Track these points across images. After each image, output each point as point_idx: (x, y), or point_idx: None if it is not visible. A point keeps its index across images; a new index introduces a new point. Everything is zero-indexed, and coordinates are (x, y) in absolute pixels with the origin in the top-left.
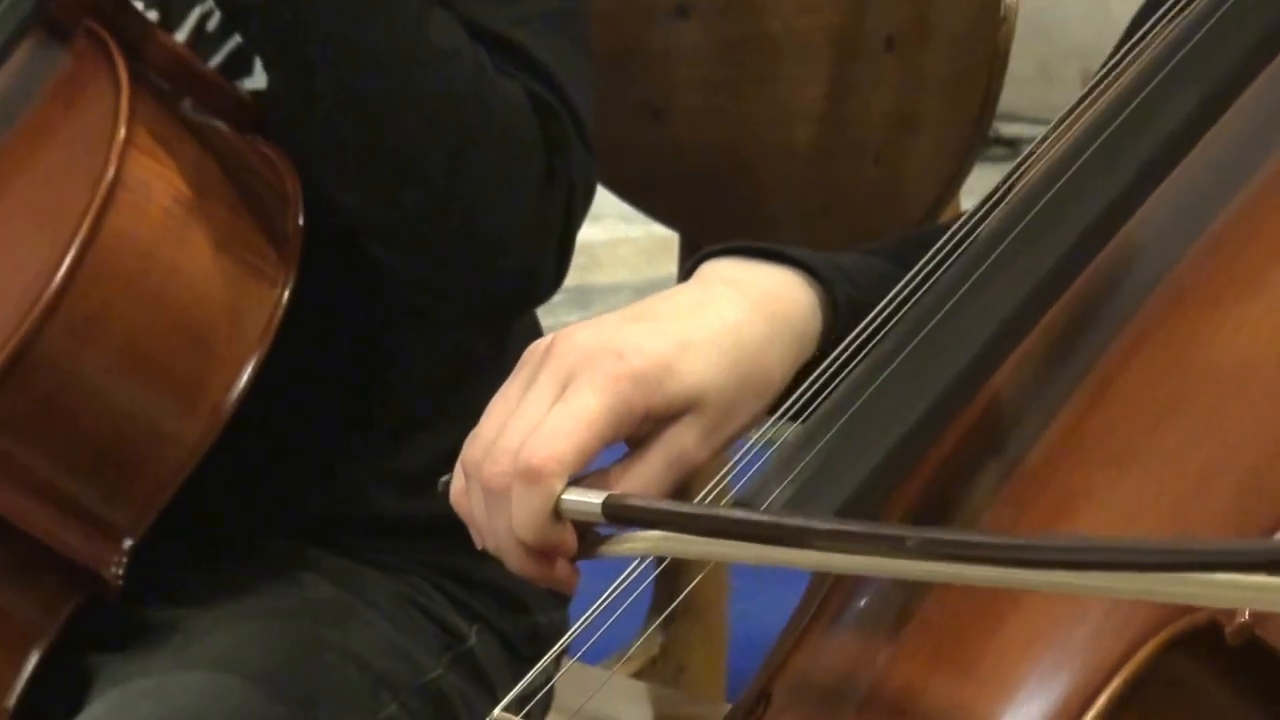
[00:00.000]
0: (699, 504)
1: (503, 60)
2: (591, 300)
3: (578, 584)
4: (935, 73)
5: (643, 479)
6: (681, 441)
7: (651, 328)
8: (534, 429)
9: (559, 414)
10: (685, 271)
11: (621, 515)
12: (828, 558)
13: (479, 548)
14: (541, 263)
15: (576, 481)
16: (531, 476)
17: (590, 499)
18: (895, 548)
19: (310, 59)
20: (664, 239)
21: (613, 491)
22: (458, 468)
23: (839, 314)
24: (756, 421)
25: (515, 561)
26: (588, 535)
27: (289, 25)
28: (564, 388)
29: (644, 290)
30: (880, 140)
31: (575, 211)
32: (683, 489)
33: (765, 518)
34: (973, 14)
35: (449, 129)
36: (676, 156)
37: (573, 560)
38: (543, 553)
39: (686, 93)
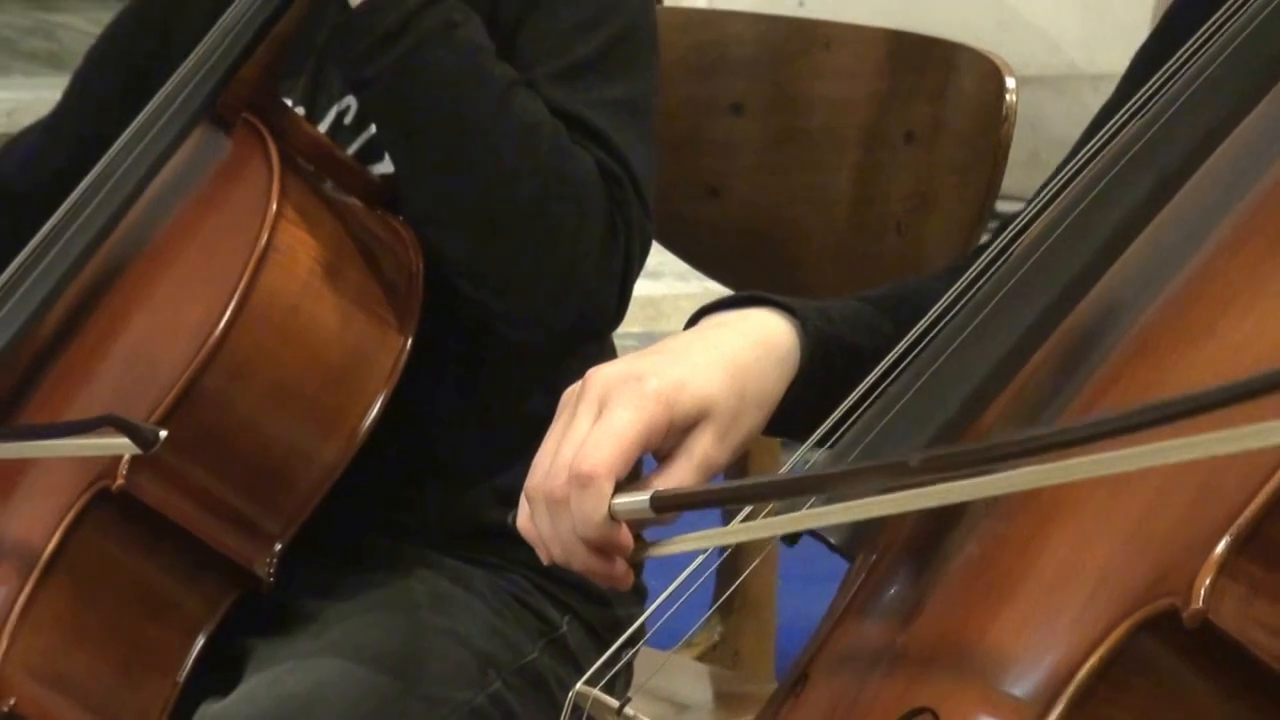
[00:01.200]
0: (728, 483)
1: (577, 134)
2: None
3: (633, 581)
4: (948, 162)
5: (676, 480)
6: (702, 445)
7: (664, 358)
8: (582, 447)
9: (600, 430)
10: (687, 324)
11: (668, 503)
12: (847, 507)
13: (545, 563)
14: (605, 300)
15: (623, 489)
16: (584, 481)
17: (639, 497)
18: (901, 472)
19: (417, 126)
20: (718, 293)
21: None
22: (522, 499)
23: (811, 340)
24: (761, 428)
25: (580, 561)
26: (640, 538)
27: (401, 97)
28: (600, 407)
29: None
30: (901, 217)
31: (633, 260)
32: None
33: (783, 477)
34: (980, 114)
35: (530, 189)
36: (730, 228)
37: (629, 560)
38: (603, 551)
39: (739, 176)
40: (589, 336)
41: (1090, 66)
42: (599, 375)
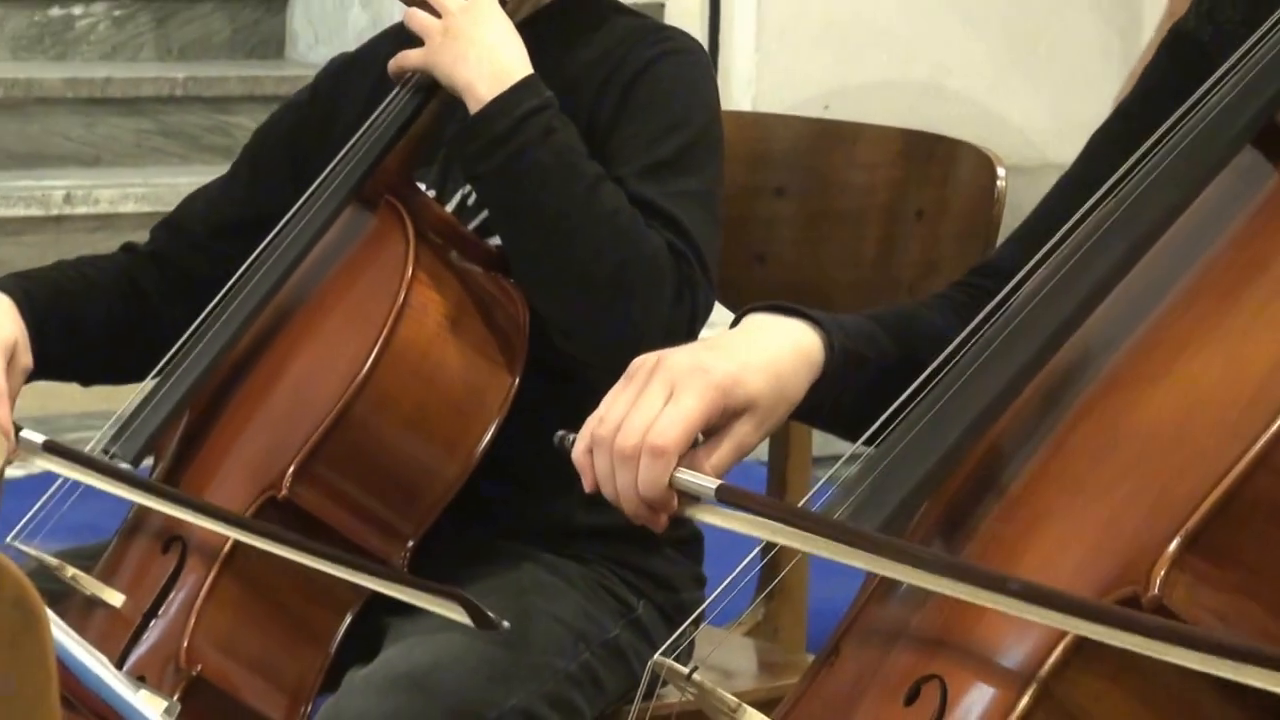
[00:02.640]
0: (781, 502)
1: (653, 220)
2: None
3: (666, 525)
4: (950, 234)
5: (719, 457)
6: (743, 430)
7: (724, 354)
8: (655, 419)
9: (672, 411)
10: (735, 320)
11: (730, 500)
12: (862, 555)
13: (588, 490)
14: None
15: (682, 462)
16: (657, 453)
17: (705, 483)
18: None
19: (519, 212)
20: None
21: (703, 472)
22: (584, 434)
23: (834, 351)
24: (785, 418)
25: (631, 508)
26: (682, 500)
27: (506, 190)
28: (670, 392)
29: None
30: (912, 280)
31: (698, 320)
32: None
33: (812, 517)
34: (976, 197)
35: (611, 262)
36: (773, 289)
37: (671, 516)
38: (655, 506)
39: (781, 246)
40: None
41: (1058, 157)
42: (673, 360)
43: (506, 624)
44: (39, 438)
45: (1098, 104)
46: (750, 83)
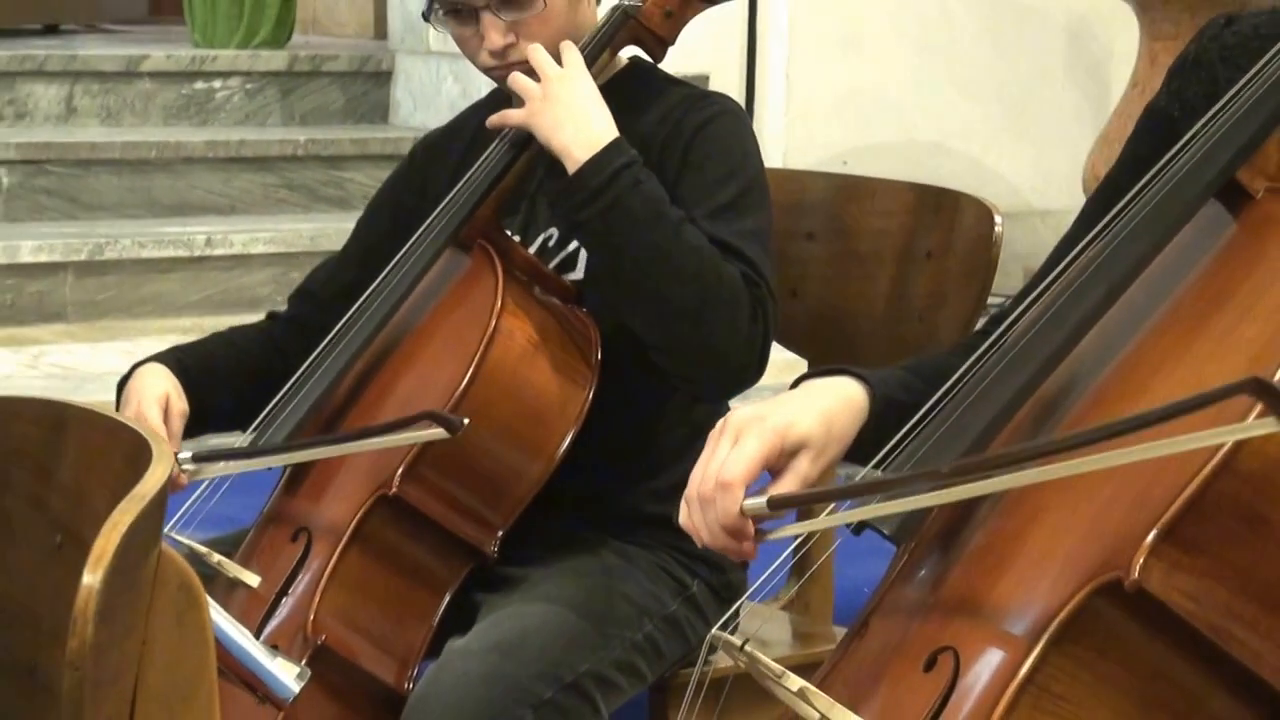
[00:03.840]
0: (817, 488)
1: (727, 254)
2: (749, 394)
3: (756, 554)
4: (955, 272)
5: (782, 488)
6: (802, 465)
7: (780, 406)
8: (723, 465)
9: (736, 452)
10: (793, 384)
11: (779, 502)
12: (897, 503)
13: (700, 547)
14: (749, 365)
15: (750, 495)
16: (725, 486)
17: (760, 500)
18: (935, 476)
19: (617, 251)
20: (794, 361)
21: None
22: (683, 502)
23: (876, 400)
24: (840, 456)
25: (720, 543)
26: (759, 530)
27: (605, 233)
28: (736, 439)
29: (778, 390)
30: (922, 311)
31: (769, 336)
32: None
33: (854, 484)
34: (978, 240)
35: (697, 290)
36: (805, 317)
37: (754, 541)
38: (735, 535)
39: (811, 282)
40: (739, 389)
41: (1040, 204)
42: (735, 416)
43: (467, 421)
44: (187, 452)
45: (1073, 159)
46: (781, 142)
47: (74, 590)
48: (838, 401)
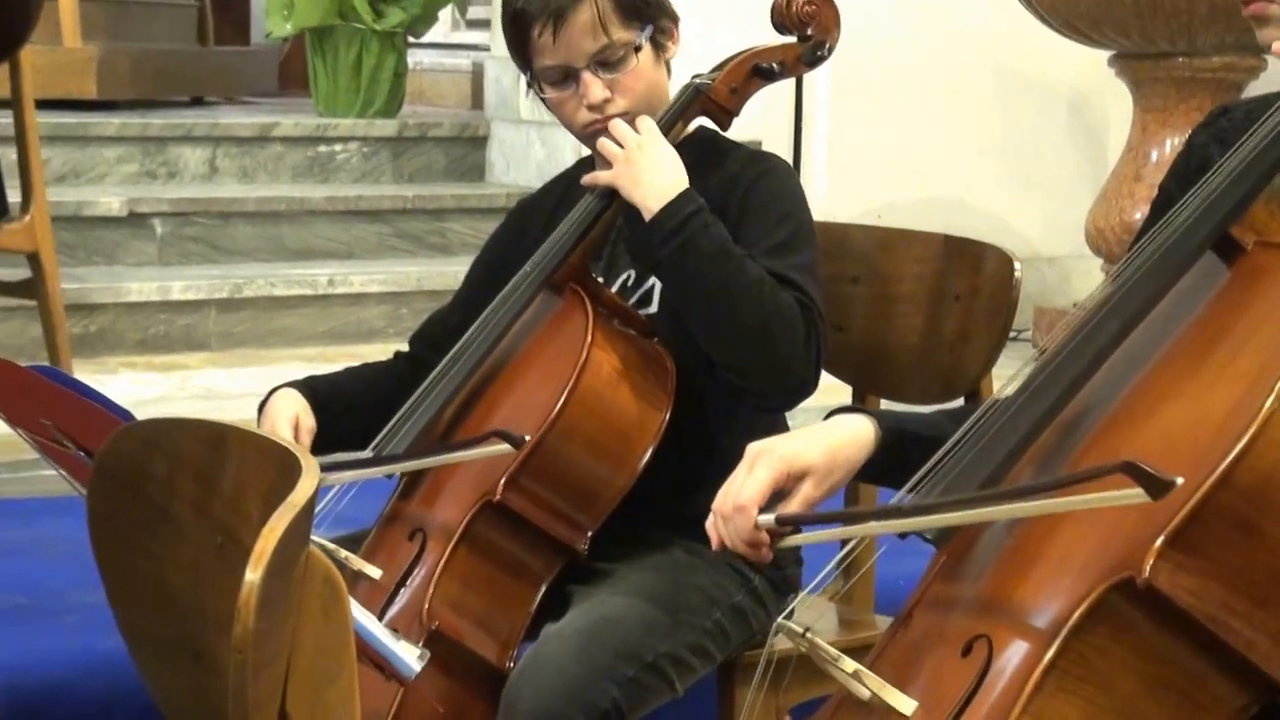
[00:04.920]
0: (824, 511)
1: (783, 284)
2: (795, 416)
3: (771, 557)
4: (980, 312)
5: (792, 507)
6: (806, 489)
7: (791, 439)
8: (739, 489)
9: (749, 480)
10: (825, 418)
11: (784, 519)
12: (928, 519)
13: (715, 549)
14: (807, 378)
15: (765, 510)
16: (739, 508)
17: (769, 516)
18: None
19: (691, 285)
20: (839, 386)
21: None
22: (710, 514)
23: (884, 434)
24: (846, 481)
25: (740, 550)
26: (774, 538)
27: (679, 270)
28: (750, 467)
29: (824, 410)
30: (951, 345)
31: (822, 354)
32: None
33: (840, 511)
34: (999, 284)
35: (759, 314)
36: (851, 350)
37: (769, 548)
38: (752, 545)
39: (855, 319)
40: (798, 400)
41: (1046, 251)
42: (753, 447)
43: (527, 437)
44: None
45: (1075, 213)
46: (824, 198)
47: (233, 584)
48: (844, 436)
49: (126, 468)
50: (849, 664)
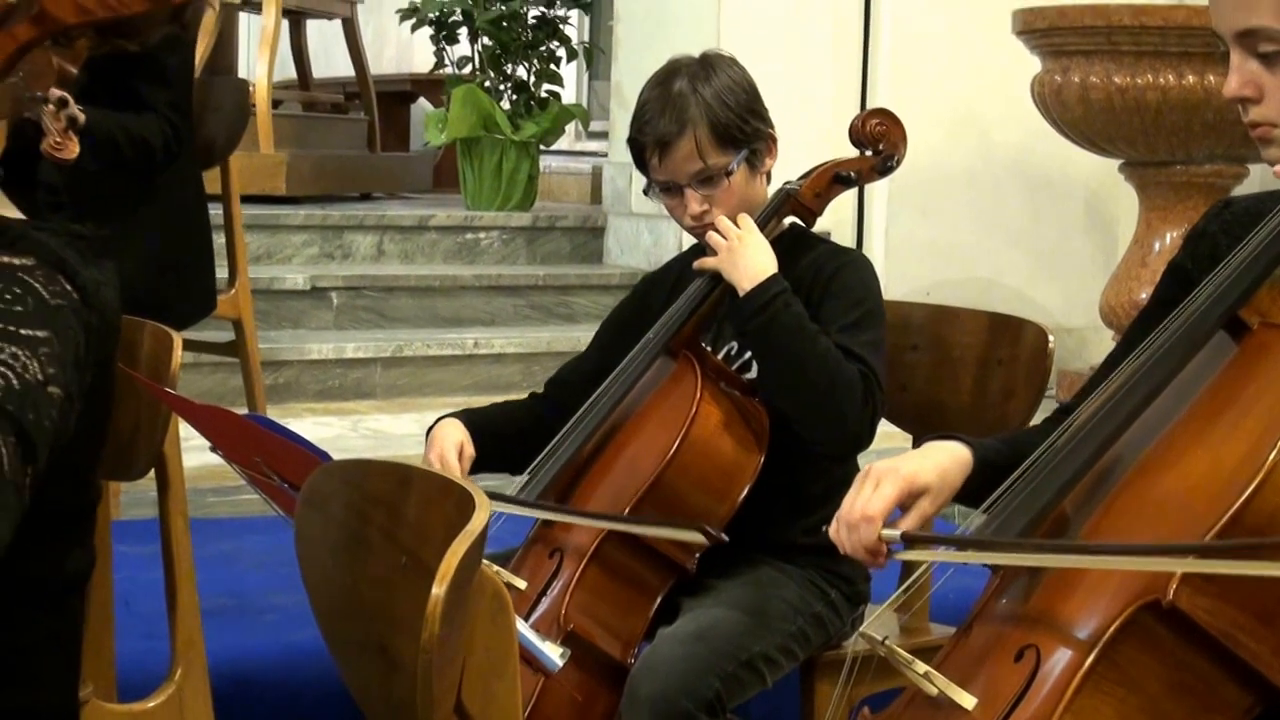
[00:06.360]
0: (941, 535)
1: (850, 356)
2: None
3: (886, 565)
4: (1020, 375)
5: (909, 522)
6: (923, 506)
7: (910, 461)
8: (867, 502)
9: (876, 495)
10: (917, 443)
11: (911, 539)
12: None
13: (842, 554)
14: (862, 435)
15: (887, 525)
16: (867, 520)
17: (896, 532)
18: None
19: (773, 353)
20: (896, 433)
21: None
22: (834, 522)
23: (978, 461)
24: (950, 500)
25: (860, 557)
26: (890, 550)
27: (763, 339)
28: (876, 484)
29: (884, 453)
30: (996, 402)
31: (877, 417)
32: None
33: (969, 537)
34: (1036, 352)
35: (827, 381)
36: (912, 407)
37: (885, 558)
38: (872, 554)
39: (916, 379)
40: (857, 450)
41: (1066, 323)
42: (877, 466)
43: (725, 537)
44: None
45: (1090, 292)
46: (882, 278)
47: (414, 595)
48: (951, 459)
49: (327, 499)
50: (920, 666)
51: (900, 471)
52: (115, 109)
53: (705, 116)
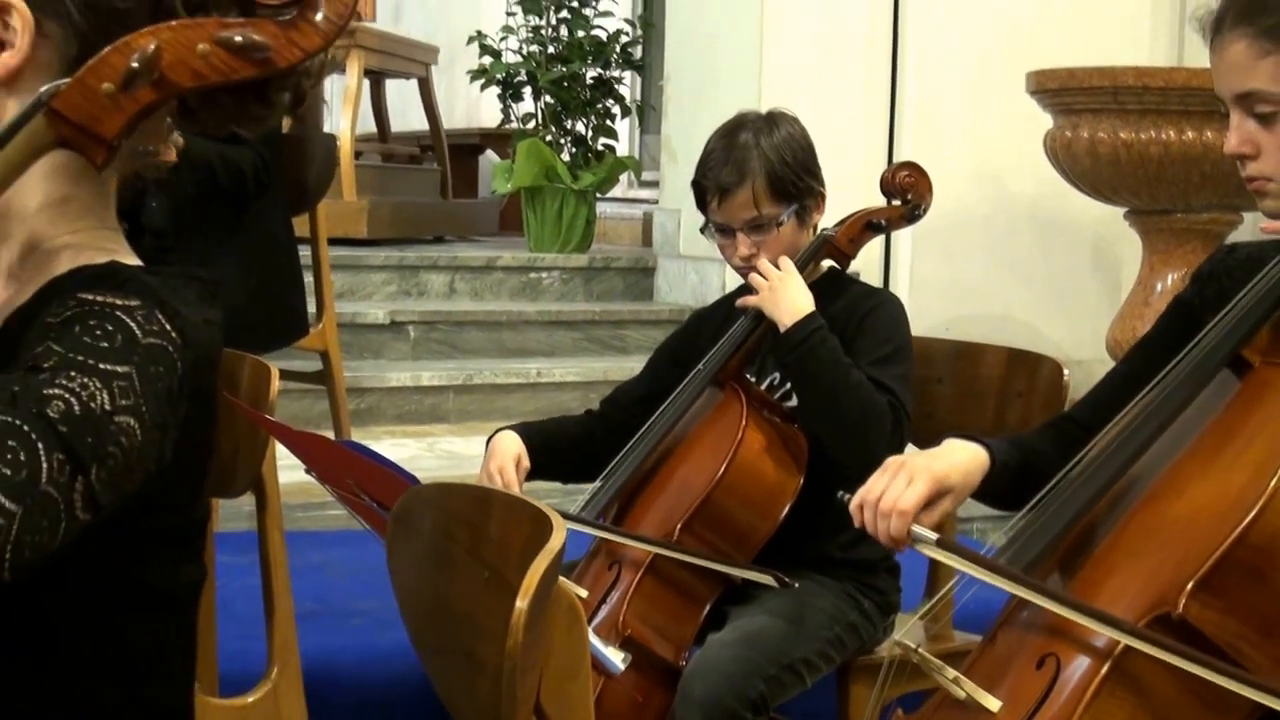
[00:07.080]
0: (970, 550)
1: (880, 388)
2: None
3: (903, 551)
4: (1037, 405)
5: (932, 518)
6: (946, 503)
7: (940, 460)
8: (901, 494)
9: (910, 491)
10: (942, 440)
11: (943, 544)
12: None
13: (858, 527)
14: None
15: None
16: (901, 514)
17: (929, 534)
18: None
19: (809, 384)
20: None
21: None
22: (858, 496)
23: (995, 463)
24: (967, 497)
25: (882, 540)
26: (914, 541)
27: (800, 371)
28: (910, 480)
29: None
30: (1015, 431)
31: (903, 443)
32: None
33: (987, 559)
34: (1052, 384)
35: (857, 409)
36: (937, 435)
37: (905, 547)
38: (896, 541)
39: (940, 409)
40: None
41: (1075, 354)
42: (912, 461)
43: (796, 584)
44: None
45: (1096, 329)
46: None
47: (496, 606)
48: (973, 461)
49: (415, 518)
50: (950, 671)
51: (933, 471)
52: (211, 139)
53: (764, 169)
